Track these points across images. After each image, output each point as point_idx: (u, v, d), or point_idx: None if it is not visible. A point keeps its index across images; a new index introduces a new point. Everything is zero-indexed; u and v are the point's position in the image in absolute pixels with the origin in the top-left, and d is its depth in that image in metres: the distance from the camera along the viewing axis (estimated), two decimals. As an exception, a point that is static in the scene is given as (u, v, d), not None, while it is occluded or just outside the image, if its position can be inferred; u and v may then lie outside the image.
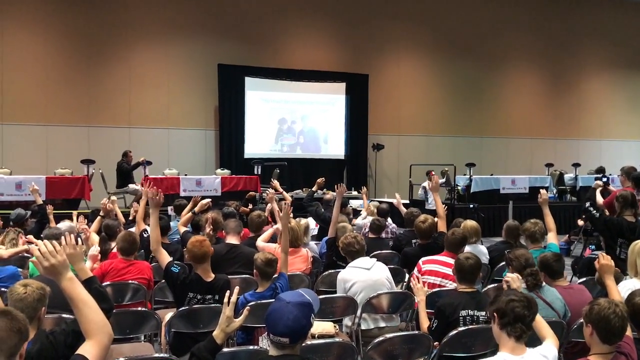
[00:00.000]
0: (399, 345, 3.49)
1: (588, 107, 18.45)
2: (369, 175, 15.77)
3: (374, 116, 15.76)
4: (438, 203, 5.97)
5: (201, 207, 5.86)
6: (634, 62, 18.73)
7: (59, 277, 2.24)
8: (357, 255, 4.60)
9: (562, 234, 9.92)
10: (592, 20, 18.20)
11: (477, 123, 16.93)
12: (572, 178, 14.54)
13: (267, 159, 13.46)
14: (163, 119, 13.92)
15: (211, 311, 3.91)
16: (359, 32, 15.60)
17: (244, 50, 14.45)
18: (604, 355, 2.76)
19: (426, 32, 16.35)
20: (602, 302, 2.82)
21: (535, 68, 17.78)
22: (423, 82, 16.63)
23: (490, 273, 5.54)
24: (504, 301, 2.69)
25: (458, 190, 13.37)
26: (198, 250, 3.97)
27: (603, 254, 3.69)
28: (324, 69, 15.18)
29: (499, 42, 17.06)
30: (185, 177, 11.43)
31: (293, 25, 15.06)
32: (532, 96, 17.79)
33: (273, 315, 2.41)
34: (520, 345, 2.64)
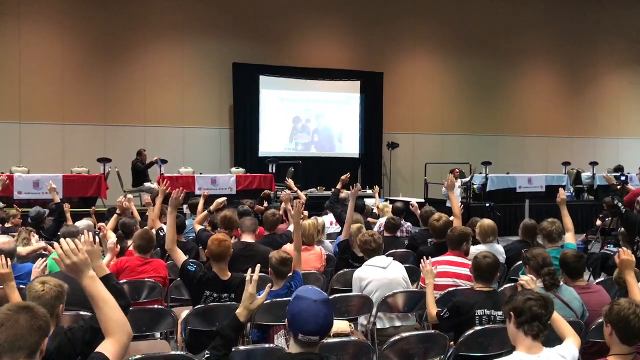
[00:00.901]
0: (415, 344, 3.48)
1: (605, 104, 18.24)
2: (383, 174, 15.74)
3: (389, 114, 15.71)
4: (453, 202, 5.95)
5: (216, 205, 5.88)
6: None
7: (80, 275, 2.26)
8: (373, 254, 4.58)
9: (579, 233, 9.78)
10: (609, 16, 17.98)
11: (492, 121, 16.81)
12: (589, 177, 14.39)
13: (281, 157, 13.48)
14: (178, 118, 14.00)
15: (227, 309, 3.91)
16: (373, 30, 15.56)
17: (259, 49, 14.48)
18: (623, 356, 2.73)
19: (441, 30, 16.27)
20: (622, 302, 2.80)
21: (551, 65, 17.62)
22: (438, 80, 16.55)
23: (506, 272, 5.50)
24: (520, 300, 2.68)
25: (474, 189, 13.27)
26: (216, 248, 3.98)
27: (624, 249, 3.64)
28: (338, 67, 15.17)
29: (514, 39, 16.92)
30: (201, 176, 11.49)
31: (308, 23, 15.06)
32: (549, 94, 17.63)
33: (303, 315, 2.39)
34: (537, 344, 2.62)
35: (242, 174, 11.83)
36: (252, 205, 7.25)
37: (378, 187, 9.85)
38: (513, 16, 16.89)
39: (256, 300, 2.77)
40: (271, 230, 5.81)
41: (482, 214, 8.89)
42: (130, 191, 10.73)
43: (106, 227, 5.67)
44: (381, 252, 4.65)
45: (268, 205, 8.55)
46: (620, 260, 3.55)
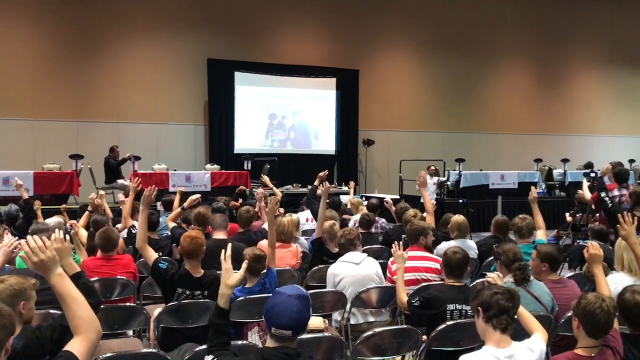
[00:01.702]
0: (388, 339, 3.51)
1: (577, 102, 18.56)
2: (359, 171, 15.79)
3: (365, 111, 15.76)
4: (426, 198, 6.02)
5: (190, 202, 5.84)
6: (622, 58, 18.86)
7: (48, 272, 2.23)
8: (343, 249, 4.64)
9: (551, 229, 9.99)
10: (581, 16, 18.28)
11: (467, 119, 16.99)
12: (561, 173, 14.64)
13: (257, 154, 13.44)
14: (152, 114, 13.85)
15: (200, 306, 3.91)
16: (349, 27, 15.59)
17: (234, 45, 14.40)
18: (590, 349, 2.80)
19: (417, 28, 16.37)
20: (589, 296, 2.86)
21: (525, 64, 17.86)
22: (413, 78, 16.66)
23: (479, 268, 5.57)
24: (488, 294, 2.71)
25: (447, 186, 13.41)
26: (189, 245, 3.96)
27: (593, 243, 3.72)
28: (314, 64, 15.16)
29: (489, 38, 17.11)
30: (175, 173, 11.39)
31: (283, 20, 15.02)
32: (522, 92, 17.87)
33: (277, 309, 2.42)
34: (506, 338, 2.66)
35: (217, 171, 11.75)
36: (226, 202, 7.20)
37: (353, 183, 9.88)
38: (488, 15, 17.07)
39: (233, 275, 2.79)
40: (245, 227, 5.80)
41: (455, 210, 8.98)
42: (103, 188, 10.58)
43: (78, 225, 5.59)
44: (355, 248, 4.68)
45: (243, 201, 8.51)
46: (589, 254, 3.63)
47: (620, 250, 4.06)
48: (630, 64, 18.97)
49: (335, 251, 5.34)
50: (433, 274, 4.64)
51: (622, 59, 18.86)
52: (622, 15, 18.75)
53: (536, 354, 2.68)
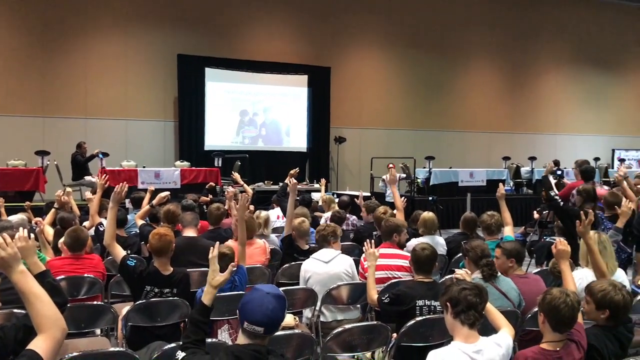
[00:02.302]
0: (358, 335, 3.53)
1: (544, 102, 18.89)
2: (331, 168, 15.81)
3: (336, 109, 15.79)
4: (396, 195, 6.05)
5: (159, 199, 5.78)
6: (588, 58, 19.25)
7: (9, 270, 2.18)
8: (323, 242, 4.63)
9: (519, 225, 10.14)
10: (549, 17, 18.61)
11: (437, 117, 17.15)
12: (529, 171, 14.90)
13: (228, 151, 13.33)
14: (121, 110, 13.64)
15: (169, 304, 3.88)
16: (321, 24, 15.59)
17: (205, 41, 14.27)
18: (555, 343, 2.86)
19: (387, 26, 16.45)
20: (554, 291, 2.93)
21: (494, 63, 18.10)
22: (384, 76, 16.74)
23: (448, 264, 5.63)
24: (456, 290, 2.74)
25: (418, 183, 13.53)
26: (157, 242, 3.92)
27: (561, 239, 3.79)
28: (286, 61, 15.11)
29: (459, 37, 17.29)
30: (144, 169, 11.24)
31: (255, 16, 14.93)
32: (491, 91, 18.11)
33: (252, 304, 2.40)
34: (474, 333, 2.69)
35: (187, 168, 11.63)
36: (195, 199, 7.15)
37: (325, 180, 9.89)
38: (457, 14, 17.24)
39: (218, 276, 2.81)
40: (215, 225, 5.76)
41: (425, 207, 9.05)
42: (70, 185, 10.40)
43: (43, 222, 5.48)
44: (329, 245, 4.67)
45: (213, 198, 8.45)
46: (557, 250, 3.69)
47: (584, 246, 4.15)
48: (595, 64, 19.39)
49: (306, 248, 5.34)
50: (405, 272, 4.67)
51: (588, 59, 19.26)
52: (588, 16, 19.14)
53: (503, 348, 2.72)
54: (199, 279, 4.46)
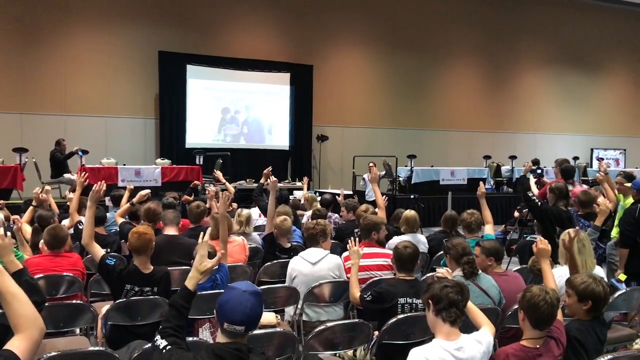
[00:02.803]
0: (340, 333, 3.52)
1: (524, 101, 19.08)
2: (313, 167, 15.81)
3: (319, 107, 15.78)
4: (377, 194, 6.07)
5: (140, 198, 5.73)
6: (567, 58, 19.49)
7: (-16, 269, 2.14)
8: (312, 241, 4.61)
9: (499, 224, 10.24)
10: (529, 17, 18.78)
11: (419, 115, 17.23)
12: (509, 170, 15.05)
13: (209, 149, 13.27)
14: (101, 107, 13.48)
15: (150, 303, 3.84)
16: (304, 22, 15.57)
17: (186, 38, 14.17)
18: (535, 340, 2.89)
19: (370, 25, 16.48)
20: (534, 289, 2.96)
21: (475, 62, 18.24)
22: (367, 75, 16.77)
23: (429, 262, 5.66)
24: (438, 288, 2.76)
25: (399, 181, 13.59)
26: (136, 241, 3.89)
27: (541, 238, 3.83)
28: (268, 59, 15.07)
29: (441, 36, 17.39)
30: (124, 167, 11.14)
31: (237, 13, 14.86)
32: (472, 90, 18.24)
33: (230, 304, 2.38)
34: (455, 330, 2.71)
35: (167, 166, 11.55)
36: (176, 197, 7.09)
37: (307, 178, 9.88)
38: (439, 14, 17.34)
39: (206, 262, 2.78)
40: (196, 223, 5.73)
41: (407, 205, 9.09)
42: (49, 182, 10.26)
43: (21, 220, 5.40)
44: (317, 244, 4.64)
45: (195, 197, 8.40)
46: (538, 249, 3.73)
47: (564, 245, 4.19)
48: (574, 64, 19.63)
49: (288, 246, 5.33)
50: (385, 270, 4.68)
51: (567, 59, 19.49)
52: (568, 16, 19.36)
53: (484, 346, 2.74)
54: (180, 277, 4.43)
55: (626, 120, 20.78)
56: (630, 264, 5.24)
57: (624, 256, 5.29)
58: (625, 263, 5.31)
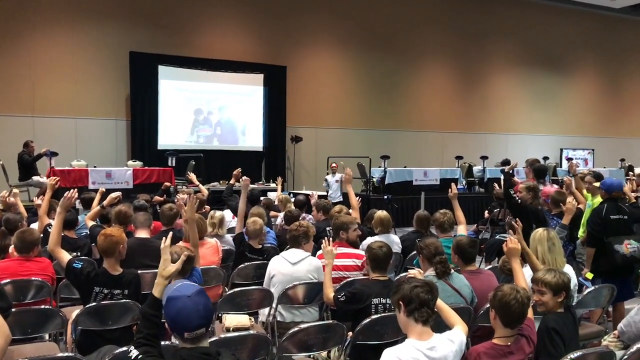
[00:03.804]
0: (314, 335, 3.52)
1: (495, 102, 19.34)
2: (287, 168, 15.78)
3: (292, 108, 15.76)
4: (351, 194, 6.08)
5: (110, 200, 5.64)
6: (537, 60, 19.80)
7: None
8: (294, 243, 4.60)
9: (471, 223, 10.36)
10: (500, 19, 19.04)
11: (392, 116, 17.33)
12: (480, 170, 15.23)
13: (182, 150, 13.15)
14: (70, 108, 13.26)
15: (121, 307, 3.79)
16: (276, 23, 15.53)
17: (158, 38, 14.01)
18: (506, 338, 2.93)
19: (344, 26, 16.52)
20: (505, 288, 3.00)
21: (447, 64, 18.41)
22: (340, 76, 16.81)
23: (402, 262, 5.69)
24: (408, 288, 2.76)
25: (373, 182, 13.66)
26: (103, 242, 3.86)
27: (511, 238, 3.87)
28: (241, 60, 14.99)
29: (413, 38, 17.52)
30: (95, 169, 10.97)
31: (209, 13, 14.76)
32: (444, 91, 18.42)
33: (183, 313, 2.36)
34: (427, 330, 2.73)
35: (139, 168, 11.40)
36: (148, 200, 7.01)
37: (281, 179, 9.88)
38: (411, 14, 17.47)
39: (170, 267, 2.75)
40: (169, 225, 5.67)
41: (380, 206, 9.14)
42: (17, 185, 10.06)
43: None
44: (299, 245, 4.62)
45: (166, 199, 8.31)
46: (508, 248, 3.78)
47: (534, 243, 4.25)
48: (543, 65, 19.96)
49: (259, 247, 5.31)
50: (356, 271, 4.69)
51: (537, 60, 19.81)
52: (538, 19, 19.67)
53: (456, 345, 2.76)
54: (151, 280, 4.35)
55: (594, 121, 21.22)
56: (596, 263, 5.34)
57: (591, 255, 5.38)
58: (592, 262, 5.41)
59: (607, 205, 5.44)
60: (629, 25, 21.44)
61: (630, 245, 5.30)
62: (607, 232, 5.31)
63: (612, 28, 21.12)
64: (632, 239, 5.35)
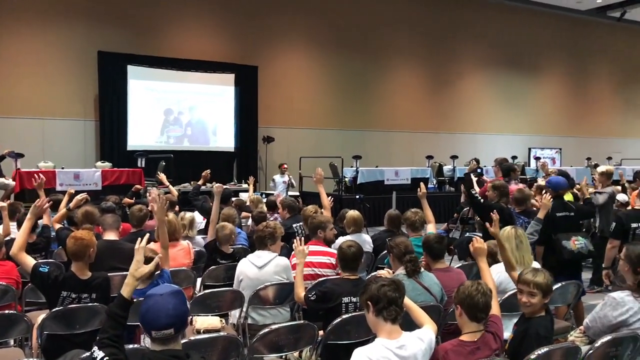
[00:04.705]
0: (285, 335, 3.52)
1: (465, 102, 19.57)
2: (259, 168, 15.73)
3: (264, 108, 15.71)
4: (322, 194, 6.09)
5: (77, 202, 5.54)
6: (506, 61, 20.10)
7: None
8: (260, 244, 4.57)
9: (442, 222, 10.47)
10: (468, 20, 19.26)
11: (364, 117, 17.40)
12: (450, 169, 15.40)
13: (152, 151, 13.01)
14: (37, 109, 12.99)
15: (88, 311, 3.72)
16: (248, 23, 15.46)
17: (127, 38, 13.83)
18: (473, 334, 2.96)
19: (315, 27, 16.53)
20: (466, 283, 3.08)
21: (417, 64, 18.56)
22: (312, 76, 16.82)
23: (374, 261, 5.72)
24: (375, 288, 2.78)
25: (345, 182, 13.70)
26: (72, 246, 3.77)
27: (477, 237, 3.92)
28: (212, 60, 14.89)
29: (385, 39, 17.61)
30: (62, 171, 10.78)
31: (180, 13, 14.62)
32: (415, 91, 18.57)
33: (152, 311, 2.36)
34: (396, 328, 2.75)
35: (108, 169, 11.24)
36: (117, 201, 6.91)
37: (253, 178, 9.83)
38: (382, 16, 17.55)
39: (142, 268, 2.73)
40: (138, 227, 5.60)
41: (352, 205, 9.18)
42: (-19, 188, 9.83)
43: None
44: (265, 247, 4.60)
45: (136, 200, 8.20)
46: (474, 248, 3.81)
47: (502, 241, 4.31)
48: (511, 66, 20.27)
49: (230, 252, 5.27)
50: (327, 269, 4.70)
51: (504, 61, 20.10)
52: (507, 20, 19.96)
53: (425, 343, 2.78)
54: (120, 283, 4.26)
55: (561, 120, 21.65)
56: (545, 260, 5.45)
57: (540, 253, 5.50)
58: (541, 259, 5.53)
59: (554, 203, 5.58)
60: (594, 26, 21.91)
61: (577, 241, 5.46)
62: (555, 229, 5.43)
63: (578, 29, 21.57)
64: (579, 235, 5.50)
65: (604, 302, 3.49)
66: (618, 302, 3.41)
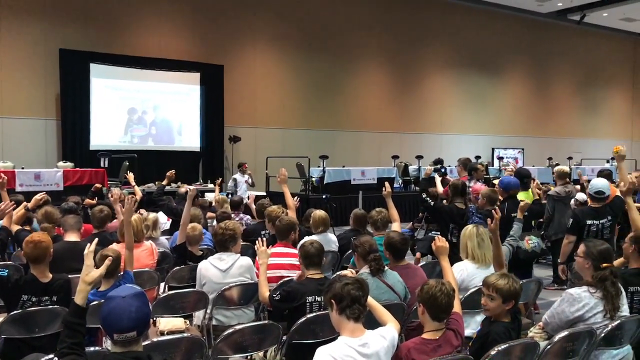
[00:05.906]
0: (249, 336, 3.50)
1: (430, 103, 19.81)
2: (225, 168, 15.62)
3: (230, 108, 15.62)
4: (287, 195, 6.09)
5: (35, 202, 5.42)
6: (470, 62, 20.41)
7: None
8: (221, 247, 4.54)
9: (407, 221, 10.59)
10: (435, 22, 19.50)
11: (331, 117, 17.45)
12: (416, 169, 15.57)
13: (115, 150, 12.81)
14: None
15: (48, 313, 3.65)
16: (213, 21, 15.35)
17: (90, 35, 13.57)
18: (435, 332, 3.01)
19: (282, 26, 16.50)
20: (430, 282, 3.10)
21: (384, 65, 18.70)
22: (278, 75, 16.79)
23: (339, 260, 5.74)
24: (339, 286, 2.80)
25: (312, 182, 13.72)
26: (32, 251, 3.69)
27: (439, 236, 3.98)
28: (177, 58, 14.73)
29: (351, 40, 17.69)
30: (22, 171, 10.54)
31: (144, 10, 14.42)
32: (381, 92, 18.71)
33: (113, 314, 2.34)
34: (359, 326, 2.77)
35: (70, 169, 11.03)
36: (79, 202, 6.78)
37: (220, 179, 9.77)
38: (348, 16, 17.63)
39: (93, 272, 2.68)
40: (100, 228, 5.50)
41: (319, 205, 9.19)
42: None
43: None
44: (227, 249, 4.57)
45: (98, 201, 8.07)
46: (436, 247, 3.87)
47: (464, 239, 4.38)
48: (477, 68, 20.60)
49: (200, 254, 5.22)
50: (295, 270, 4.69)
51: (471, 63, 20.42)
52: (471, 23, 20.25)
53: (387, 341, 2.81)
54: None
55: (524, 121, 22.11)
56: None
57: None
58: None
59: (508, 204, 5.71)
60: (555, 29, 22.42)
61: (531, 241, 5.59)
62: (509, 230, 5.54)
63: (539, 32, 22.03)
64: (532, 235, 5.63)
65: (562, 298, 3.57)
66: (575, 298, 3.50)
